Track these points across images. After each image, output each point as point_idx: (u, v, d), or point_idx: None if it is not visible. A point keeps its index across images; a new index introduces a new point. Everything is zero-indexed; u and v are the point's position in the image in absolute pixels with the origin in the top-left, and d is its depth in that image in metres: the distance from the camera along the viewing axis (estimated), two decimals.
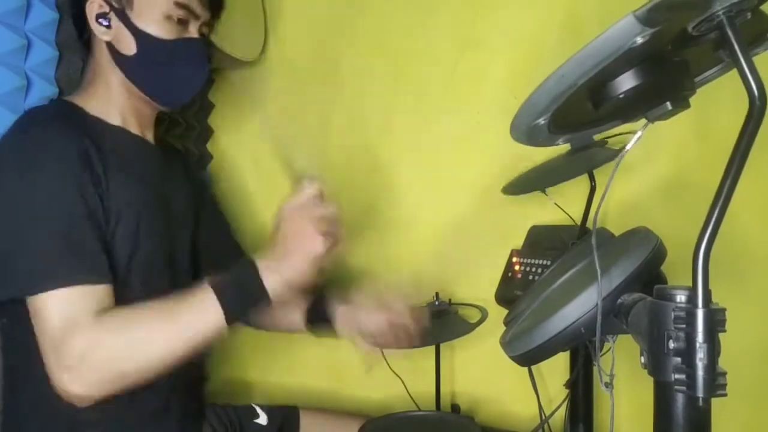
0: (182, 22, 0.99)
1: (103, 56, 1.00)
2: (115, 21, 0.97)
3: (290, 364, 1.64)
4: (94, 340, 0.79)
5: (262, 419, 1.19)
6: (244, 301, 0.88)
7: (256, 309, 0.90)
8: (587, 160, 1.18)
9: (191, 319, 0.85)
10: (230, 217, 1.71)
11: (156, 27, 0.97)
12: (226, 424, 1.15)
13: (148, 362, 0.83)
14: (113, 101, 1.01)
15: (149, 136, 1.06)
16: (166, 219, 1.03)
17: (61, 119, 0.93)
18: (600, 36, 0.55)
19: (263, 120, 1.13)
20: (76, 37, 1.04)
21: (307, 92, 1.63)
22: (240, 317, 0.88)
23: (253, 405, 1.22)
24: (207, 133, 1.67)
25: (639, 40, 0.54)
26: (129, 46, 0.97)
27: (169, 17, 0.98)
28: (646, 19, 0.52)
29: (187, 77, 1.03)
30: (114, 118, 1.00)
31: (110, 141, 0.95)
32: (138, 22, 0.96)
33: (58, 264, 0.82)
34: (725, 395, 0.53)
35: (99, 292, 0.83)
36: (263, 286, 0.87)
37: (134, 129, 1.03)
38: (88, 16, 0.97)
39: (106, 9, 0.96)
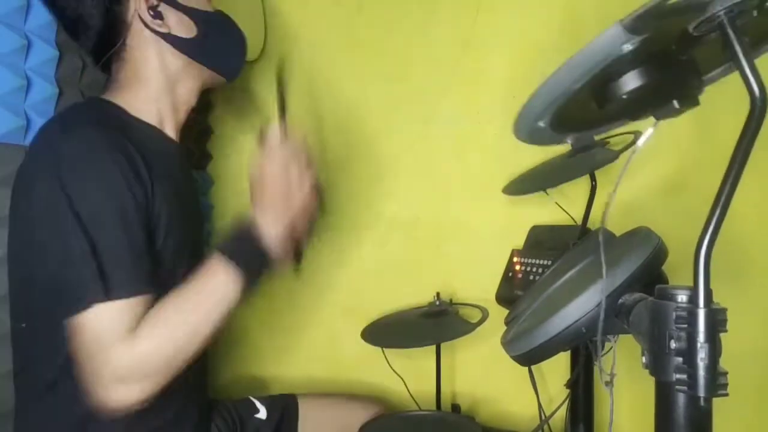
0: None
1: (149, 55, 0.99)
2: (167, 10, 0.98)
3: (290, 361, 1.64)
4: (143, 349, 0.79)
5: (262, 413, 1.19)
6: (257, 266, 0.90)
7: (267, 270, 0.92)
8: (588, 160, 1.18)
9: (217, 297, 0.86)
10: (230, 217, 1.71)
11: (199, 3, 1.01)
12: (227, 420, 1.15)
13: (194, 351, 0.84)
14: (153, 100, 1.00)
15: (175, 136, 1.06)
16: (188, 217, 1.04)
17: (106, 122, 0.90)
18: (588, 45, 0.55)
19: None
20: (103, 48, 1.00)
21: (307, 92, 1.63)
22: (257, 278, 0.90)
23: (251, 398, 1.22)
24: (207, 133, 1.67)
25: (628, 47, 0.54)
26: (189, 29, 1.00)
27: None
28: (633, 27, 0.52)
29: (235, 41, 1.09)
30: (151, 118, 1.00)
31: (148, 142, 0.94)
32: (186, 3, 0.99)
33: (110, 277, 0.79)
34: (726, 395, 0.53)
35: (143, 303, 0.82)
36: (269, 248, 0.90)
37: (168, 128, 1.03)
38: (142, 17, 0.96)
39: (155, 2, 0.97)
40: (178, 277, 0.95)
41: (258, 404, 1.21)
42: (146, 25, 0.97)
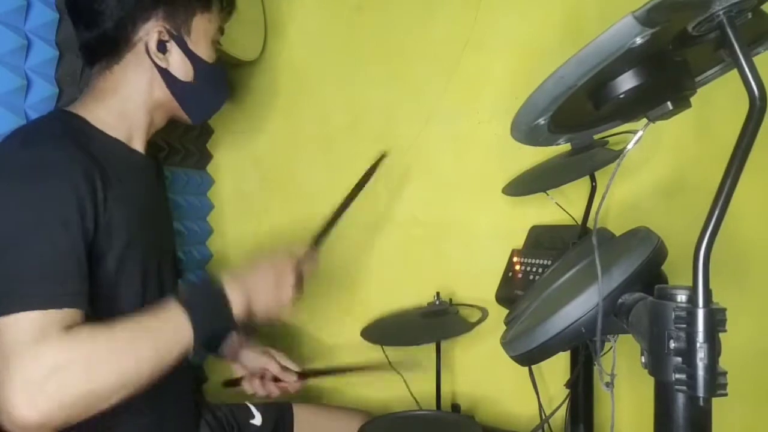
0: (216, 45, 1.06)
1: (138, 79, 0.98)
2: (173, 48, 0.99)
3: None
4: (64, 357, 0.73)
5: (257, 419, 1.20)
6: (213, 325, 0.89)
7: (221, 333, 0.92)
8: (588, 160, 1.18)
9: (162, 338, 0.83)
10: (230, 217, 1.72)
11: (205, 52, 1.02)
12: (223, 423, 1.15)
13: (120, 382, 0.77)
14: (127, 117, 1.00)
15: (142, 148, 1.05)
16: (155, 231, 1.03)
17: (67, 138, 0.89)
18: (599, 36, 0.55)
19: None
20: (100, 46, 0.99)
21: (307, 92, 1.63)
22: (207, 338, 0.87)
23: (248, 404, 1.22)
24: (207, 133, 1.67)
25: (638, 40, 0.54)
26: (186, 73, 1.01)
27: (214, 42, 1.05)
28: (646, 19, 0.52)
29: (219, 98, 1.12)
30: (117, 132, 0.99)
31: (110, 158, 0.93)
32: (194, 49, 1.00)
33: (35, 286, 0.77)
34: (726, 395, 0.53)
35: (71, 317, 0.77)
36: (231, 313, 0.90)
37: (135, 143, 1.02)
38: (148, 44, 0.96)
39: (167, 37, 0.98)
40: (148, 289, 0.95)
41: (254, 410, 1.21)
42: (148, 53, 0.97)
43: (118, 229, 0.90)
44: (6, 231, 0.79)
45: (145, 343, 0.81)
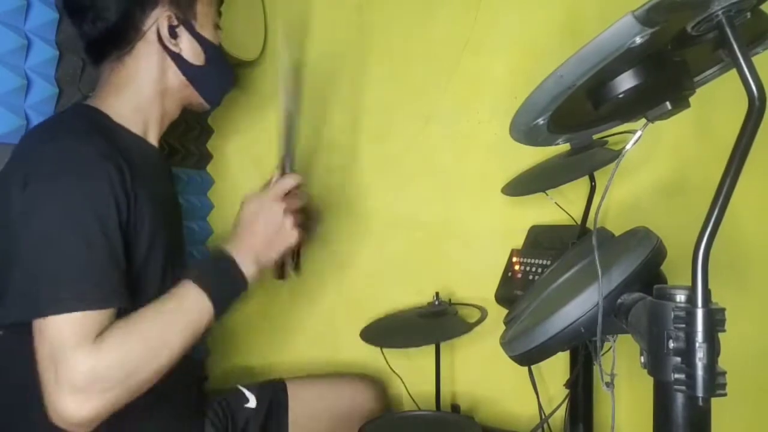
0: (217, 28, 1.09)
1: (151, 66, 1.00)
2: (183, 33, 1.01)
3: (289, 361, 1.64)
4: (102, 362, 0.76)
5: (251, 402, 1.19)
6: (229, 292, 0.93)
7: (239, 297, 0.95)
8: (587, 160, 1.18)
9: (186, 319, 0.87)
10: (230, 217, 1.71)
11: (211, 35, 1.06)
12: (219, 414, 1.14)
13: (156, 370, 0.82)
14: (142, 109, 1.01)
15: (156, 143, 1.06)
16: (171, 225, 1.04)
17: (95, 134, 0.90)
18: (599, 36, 0.55)
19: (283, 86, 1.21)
20: (107, 44, 1.00)
21: (307, 92, 1.63)
22: (226, 308, 0.92)
23: (240, 387, 1.22)
24: (207, 133, 1.67)
25: (638, 40, 0.54)
26: (197, 56, 1.04)
27: (216, 25, 1.08)
28: (645, 19, 0.52)
29: (229, 78, 1.16)
30: (136, 126, 1.00)
31: (134, 153, 0.94)
32: (202, 33, 1.03)
33: (73, 289, 0.78)
34: (725, 395, 0.53)
35: (107, 316, 0.80)
36: (244, 276, 0.94)
37: (151, 137, 1.04)
38: (161, 30, 0.98)
39: (176, 22, 1.00)
40: (166, 284, 0.95)
41: (247, 393, 1.20)
42: (160, 40, 0.99)
43: (144, 226, 0.91)
44: (42, 230, 0.79)
45: (174, 328, 0.85)
